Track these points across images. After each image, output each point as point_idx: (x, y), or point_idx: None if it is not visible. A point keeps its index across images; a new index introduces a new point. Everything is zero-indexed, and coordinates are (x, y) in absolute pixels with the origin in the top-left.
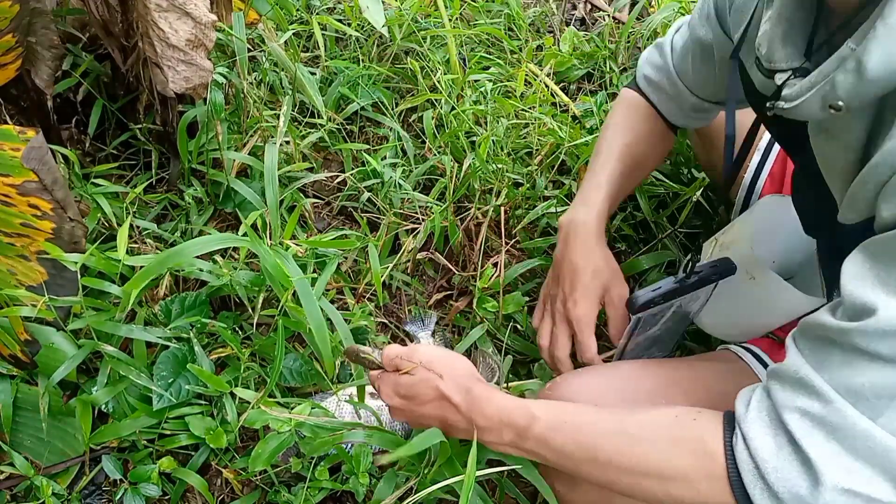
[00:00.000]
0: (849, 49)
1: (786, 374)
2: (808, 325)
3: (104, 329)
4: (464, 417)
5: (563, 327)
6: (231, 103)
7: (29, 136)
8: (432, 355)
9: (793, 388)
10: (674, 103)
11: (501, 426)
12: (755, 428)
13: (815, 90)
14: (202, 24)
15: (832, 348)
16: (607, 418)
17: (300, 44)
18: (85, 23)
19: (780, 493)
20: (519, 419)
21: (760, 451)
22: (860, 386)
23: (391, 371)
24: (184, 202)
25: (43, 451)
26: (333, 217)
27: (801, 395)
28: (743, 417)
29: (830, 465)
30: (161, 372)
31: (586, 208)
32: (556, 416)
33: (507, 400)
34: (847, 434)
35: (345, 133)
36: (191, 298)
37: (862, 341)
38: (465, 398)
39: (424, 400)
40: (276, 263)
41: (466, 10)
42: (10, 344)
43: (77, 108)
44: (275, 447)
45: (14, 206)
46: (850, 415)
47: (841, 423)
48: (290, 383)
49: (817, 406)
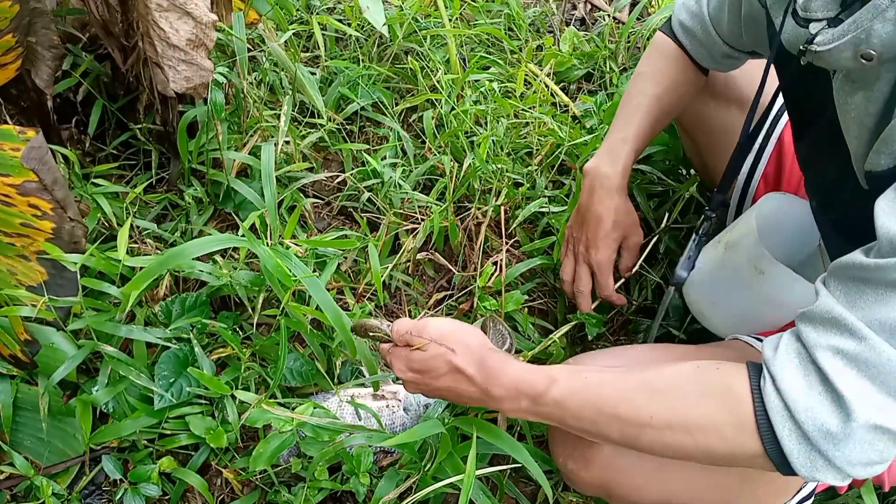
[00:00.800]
0: (887, 0)
1: (818, 315)
2: (840, 266)
3: (104, 329)
4: (479, 389)
5: (585, 268)
6: (231, 103)
7: (29, 136)
8: (443, 329)
9: (825, 327)
10: (705, 49)
11: (518, 395)
12: (785, 369)
13: (848, 38)
14: (203, 24)
15: (865, 287)
16: (627, 375)
17: (300, 44)
18: (85, 23)
19: (809, 431)
20: (536, 385)
21: (791, 391)
22: (894, 322)
23: (402, 346)
24: (184, 202)
25: (43, 451)
26: (333, 217)
27: (833, 333)
28: (771, 360)
29: (862, 401)
30: (162, 372)
31: (612, 159)
32: (575, 376)
33: (522, 368)
34: (881, 370)
35: (345, 133)
36: (191, 299)
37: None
38: (480, 370)
39: (438, 374)
40: (277, 263)
41: (466, 10)
42: (10, 344)
43: (77, 108)
44: (276, 447)
45: (14, 206)
46: (885, 350)
47: (875, 360)
48: (290, 383)
49: (851, 343)
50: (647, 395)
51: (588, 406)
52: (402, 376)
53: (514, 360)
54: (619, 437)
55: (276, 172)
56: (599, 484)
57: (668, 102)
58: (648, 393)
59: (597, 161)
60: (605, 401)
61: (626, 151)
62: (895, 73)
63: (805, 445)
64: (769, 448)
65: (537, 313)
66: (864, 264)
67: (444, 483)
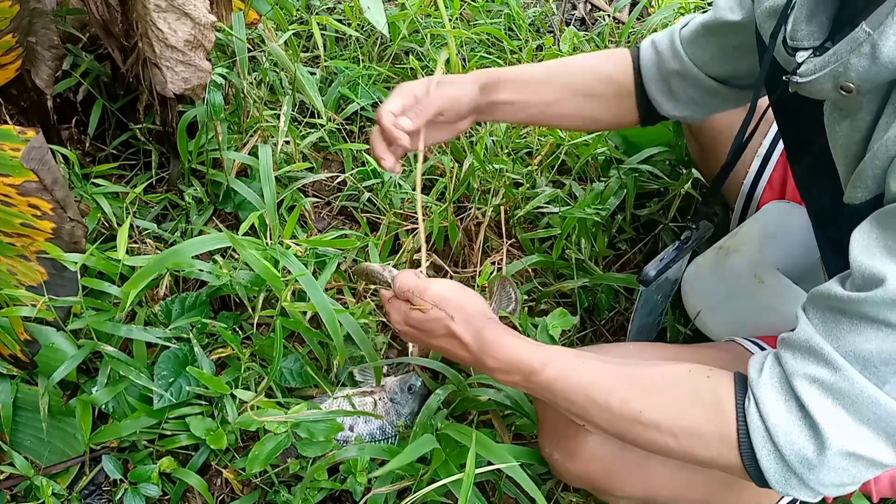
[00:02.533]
0: (864, 33)
1: (796, 342)
2: (818, 295)
3: (104, 329)
4: (473, 356)
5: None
6: (231, 103)
7: (29, 136)
8: (444, 294)
9: (803, 355)
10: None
11: (511, 369)
12: (767, 393)
13: (827, 70)
14: (201, 25)
15: (841, 317)
16: (622, 367)
17: (300, 44)
18: (85, 23)
19: (786, 455)
20: (532, 363)
21: (772, 415)
22: (868, 353)
23: (402, 300)
24: (184, 202)
25: (43, 451)
26: (333, 217)
27: (810, 362)
28: (756, 382)
29: (836, 430)
30: (161, 372)
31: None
32: (570, 360)
33: (519, 344)
34: (854, 400)
35: (345, 133)
36: (191, 298)
37: (871, 310)
38: (476, 339)
39: (435, 335)
40: (264, 265)
41: (466, 10)
42: (10, 344)
43: (77, 108)
44: (272, 448)
45: (14, 206)
46: (858, 381)
47: (849, 390)
48: (289, 384)
49: (827, 373)
50: (640, 392)
51: (580, 392)
52: (398, 328)
53: (512, 332)
54: (607, 427)
55: (277, 172)
56: (584, 476)
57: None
58: (641, 389)
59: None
60: (597, 389)
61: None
62: (876, 105)
63: (782, 466)
64: (748, 463)
65: (537, 313)
66: (839, 296)
67: (441, 483)
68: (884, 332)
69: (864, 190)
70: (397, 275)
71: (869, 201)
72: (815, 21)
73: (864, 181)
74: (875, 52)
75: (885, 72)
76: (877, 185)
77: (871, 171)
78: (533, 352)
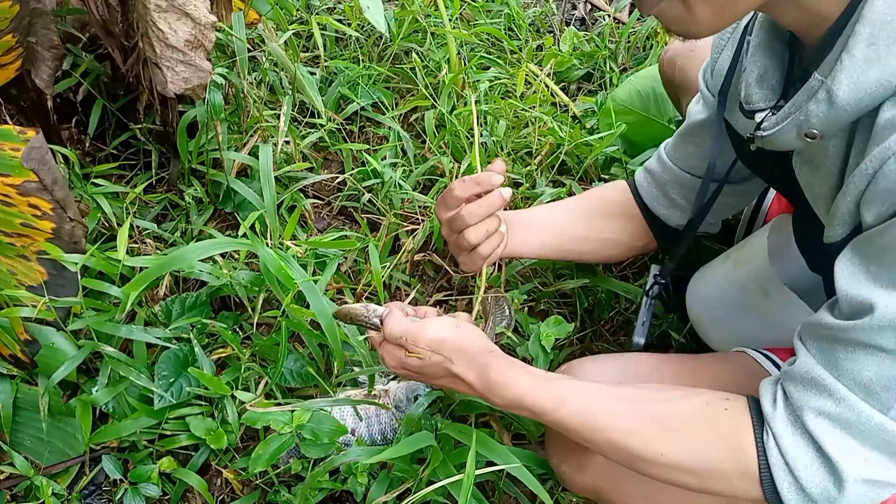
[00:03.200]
0: (818, 81)
1: (799, 375)
2: (811, 325)
3: (104, 330)
4: (479, 394)
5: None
6: (231, 103)
7: (29, 136)
8: (440, 337)
9: (806, 388)
10: (656, 186)
11: (521, 408)
12: (783, 427)
13: (789, 120)
14: (201, 25)
15: (836, 346)
16: (640, 405)
17: (300, 44)
18: (85, 23)
19: (807, 487)
20: (544, 404)
21: (790, 449)
22: (868, 380)
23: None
24: (184, 202)
25: (43, 451)
26: (334, 217)
27: (814, 394)
28: (771, 416)
29: (850, 460)
30: (162, 372)
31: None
32: (586, 400)
33: (528, 383)
34: (861, 429)
35: (345, 133)
36: (191, 299)
37: (863, 337)
38: (481, 379)
39: (435, 377)
40: (280, 266)
41: (466, 10)
42: (10, 344)
43: (77, 108)
44: (275, 448)
45: (14, 206)
46: (864, 411)
47: (855, 420)
48: (290, 384)
49: (831, 404)
50: (660, 434)
51: (597, 432)
52: (397, 372)
53: (518, 366)
54: (625, 464)
55: (277, 172)
56: (591, 489)
57: (593, 207)
58: (660, 430)
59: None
60: (616, 432)
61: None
62: (842, 149)
63: (803, 496)
64: (769, 496)
65: (537, 314)
66: (830, 325)
67: (441, 484)
68: (879, 358)
69: (841, 227)
70: (386, 317)
71: (848, 236)
72: (766, 83)
73: (841, 218)
74: (831, 98)
75: (844, 114)
76: (852, 219)
77: (844, 207)
78: (542, 389)
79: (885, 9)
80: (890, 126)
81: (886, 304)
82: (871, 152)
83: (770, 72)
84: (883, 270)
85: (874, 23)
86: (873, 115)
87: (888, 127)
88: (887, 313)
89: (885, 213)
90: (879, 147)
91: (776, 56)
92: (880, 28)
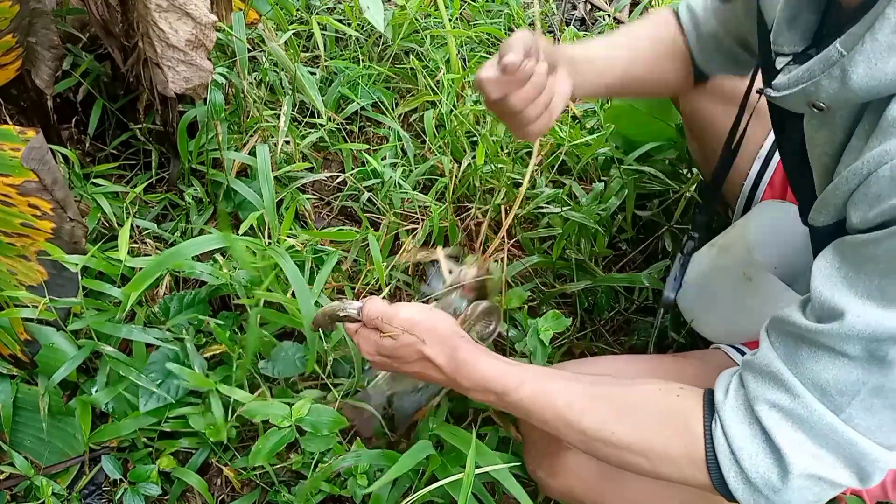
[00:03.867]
0: (837, 52)
1: (758, 366)
2: (779, 320)
3: (104, 330)
4: (448, 377)
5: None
6: (231, 103)
7: (29, 136)
8: (414, 318)
9: (764, 380)
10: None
11: (485, 389)
12: (732, 416)
13: (799, 87)
14: (202, 25)
15: (801, 344)
16: (596, 386)
17: (300, 44)
18: (85, 23)
19: (752, 477)
20: (506, 384)
21: (736, 438)
22: (825, 382)
23: (371, 329)
24: (184, 202)
25: (43, 451)
26: (334, 217)
27: (771, 387)
28: (721, 405)
29: (798, 453)
30: (150, 372)
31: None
32: (544, 380)
33: (493, 365)
34: (813, 426)
35: (345, 133)
36: (189, 297)
37: (829, 341)
38: (450, 361)
39: (407, 361)
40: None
41: (466, 10)
42: (11, 344)
43: (77, 108)
44: (275, 442)
45: (14, 206)
46: (817, 409)
47: (808, 417)
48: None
49: (786, 398)
50: (612, 413)
51: (554, 412)
52: (370, 359)
53: (486, 352)
54: (581, 446)
55: (277, 172)
56: (566, 492)
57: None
58: (613, 411)
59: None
60: (570, 410)
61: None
62: (849, 123)
63: (748, 486)
64: (716, 483)
65: (539, 314)
66: (798, 324)
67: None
68: (841, 362)
69: (825, 216)
70: (365, 303)
71: (830, 226)
72: (796, 27)
73: (827, 208)
74: (845, 78)
75: (854, 97)
76: (837, 213)
77: (832, 199)
78: (507, 372)
79: None
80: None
81: (858, 315)
82: (871, 149)
83: (803, 13)
84: (861, 278)
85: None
86: (886, 101)
87: (894, 125)
88: (857, 323)
89: (869, 219)
90: (879, 147)
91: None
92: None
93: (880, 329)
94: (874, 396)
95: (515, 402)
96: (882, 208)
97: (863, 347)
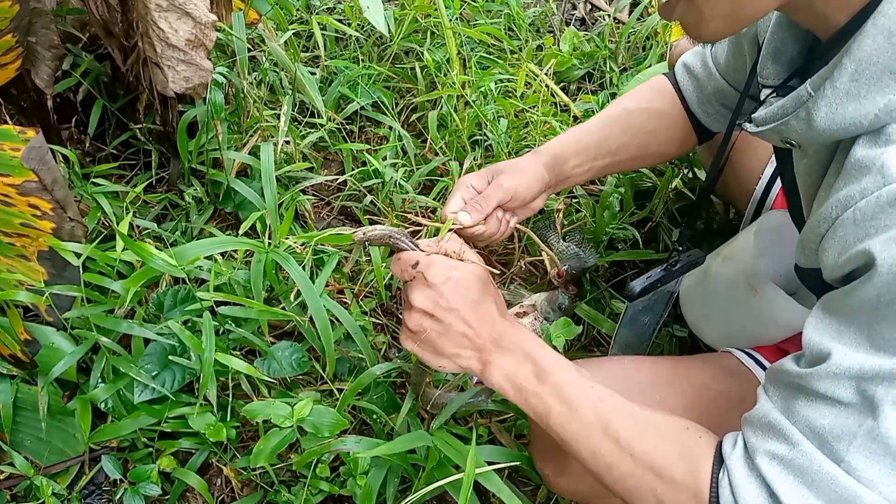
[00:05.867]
0: (806, 93)
1: (757, 419)
2: (775, 372)
3: (104, 324)
4: (488, 338)
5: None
6: (231, 103)
7: (29, 136)
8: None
9: (763, 432)
10: (699, 90)
11: (525, 357)
12: (739, 468)
13: (772, 126)
14: (202, 24)
15: (797, 393)
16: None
17: (300, 44)
18: (85, 23)
19: None
20: (546, 361)
21: (742, 490)
22: (822, 428)
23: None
24: (184, 202)
25: (43, 451)
26: (334, 217)
27: (770, 438)
28: (729, 456)
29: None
30: (146, 364)
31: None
32: (582, 374)
33: (538, 340)
34: (814, 478)
35: (345, 133)
36: (183, 291)
37: (820, 385)
38: (495, 325)
39: (452, 330)
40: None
41: (466, 9)
42: (10, 344)
43: (77, 108)
44: (277, 443)
45: (14, 206)
46: (817, 459)
47: (808, 466)
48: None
49: (785, 449)
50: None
51: (583, 409)
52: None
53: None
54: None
55: (277, 172)
56: (574, 491)
57: (640, 121)
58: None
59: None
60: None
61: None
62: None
63: None
64: None
65: None
66: (791, 371)
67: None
68: (836, 409)
69: (806, 258)
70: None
71: (813, 270)
72: (779, 60)
73: (805, 250)
74: (810, 119)
75: (820, 138)
76: (815, 259)
77: (809, 240)
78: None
79: (872, 49)
80: (857, 168)
81: (844, 354)
82: (838, 191)
83: (787, 47)
84: (852, 330)
85: (860, 60)
86: (852, 142)
87: (857, 167)
88: (844, 361)
89: (840, 265)
90: (844, 191)
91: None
92: (865, 66)
93: (867, 365)
94: (871, 441)
95: (553, 382)
96: (849, 255)
97: (854, 390)
